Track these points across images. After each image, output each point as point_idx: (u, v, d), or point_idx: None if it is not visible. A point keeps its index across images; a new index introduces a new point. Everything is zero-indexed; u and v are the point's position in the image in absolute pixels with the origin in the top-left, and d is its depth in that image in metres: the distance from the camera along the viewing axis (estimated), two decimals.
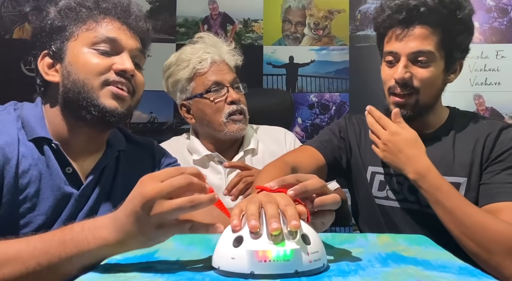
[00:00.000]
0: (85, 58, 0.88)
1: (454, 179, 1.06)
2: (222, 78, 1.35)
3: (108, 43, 0.90)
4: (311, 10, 2.32)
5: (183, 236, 0.89)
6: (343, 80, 2.26)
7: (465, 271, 0.61)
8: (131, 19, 0.94)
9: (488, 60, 2.24)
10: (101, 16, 0.91)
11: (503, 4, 2.27)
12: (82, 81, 0.87)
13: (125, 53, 0.91)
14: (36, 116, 0.90)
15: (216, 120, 1.35)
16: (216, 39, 1.41)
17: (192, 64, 1.34)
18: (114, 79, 0.89)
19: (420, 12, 1.03)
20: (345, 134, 1.21)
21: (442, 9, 1.03)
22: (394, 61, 1.08)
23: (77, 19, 0.91)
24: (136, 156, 1.04)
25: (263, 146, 1.45)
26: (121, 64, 0.89)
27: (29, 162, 0.86)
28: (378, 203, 1.15)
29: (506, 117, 2.22)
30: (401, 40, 1.05)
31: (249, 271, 0.57)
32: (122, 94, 0.89)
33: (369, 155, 1.17)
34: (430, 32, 1.04)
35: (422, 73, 1.05)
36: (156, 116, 2.23)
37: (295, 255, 0.57)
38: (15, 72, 2.05)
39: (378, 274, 0.59)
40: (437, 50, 1.05)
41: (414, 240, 0.81)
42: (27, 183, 0.85)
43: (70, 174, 0.89)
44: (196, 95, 1.36)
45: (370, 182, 1.16)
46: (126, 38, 0.92)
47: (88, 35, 0.90)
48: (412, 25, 1.05)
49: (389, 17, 1.07)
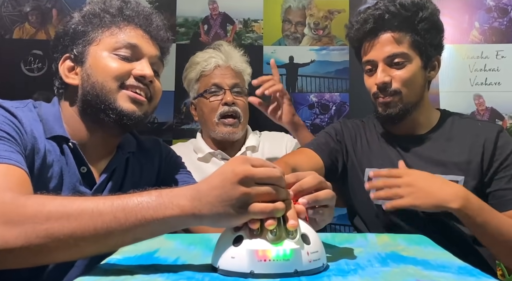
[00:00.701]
0: (106, 62, 0.91)
1: (451, 177, 1.08)
2: (222, 81, 1.46)
3: (129, 48, 0.92)
4: (311, 10, 2.32)
5: (183, 236, 0.89)
6: (343, 80, 2.26)
7: (464, 270, 0.61)
8: (153, 28, 0.97)
9: (488, 60, 2.24)
10: (124, 23, 0.94)
11: (503, 4, 2.27)
12: (101, 84, 0.89)
13: (145, 59, 0.94)
14: (54, 115, 0.92)
15: (210, 120, 1.45)
16: (232, 49, 1.53)
17: (199, 66, 1.47)
18: (132, 84, 0.91)
19: (386, 19, 1.10)
20: (341, 137, 1.23)
21: (405, 12, 1.10)
22: (373, 69, 1.13)
23: (100, 25, 0.94)
24: (145, 157, 1.06)
25: (264, 145, 1.53)
26: (140, 70, 0.92)
27: (53, 157, 0.88)
28: (377, 203, 1.15)
29: (506, 117, 2.22)
30: (375, 48, 1.12)
31: (249, 270, 0.57)
32: (139, 99, 0.91)
33: (366, 157, 1.19)
34: (400, 35, 1.10)
35: (401, 74, 1.10)
36: (156, 116, 2.22)
37: (295, 255, 0.57)
38: (15, 72, 2.05)
39: (378, 274, 0.59)
40: (410, 50, 1.10)
41: (414, 240, 0.81)
42: (50, 177, 0.87)
43: (84, 173, 0.91)
44: (200, 94, 1.47)
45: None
46: (146, 46, 0.95)
47: (110, 40, 0.92)
48: (381, 32, 1.11)
49: (358, 30, 1.15)
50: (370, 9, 1.13)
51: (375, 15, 1.11)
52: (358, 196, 1.21)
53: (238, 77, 1.50)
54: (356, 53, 1.23)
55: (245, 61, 1.55)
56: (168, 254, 0.72)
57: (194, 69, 1.49)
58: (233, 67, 1.48)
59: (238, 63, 1.51)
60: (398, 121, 1.14)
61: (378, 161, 1.18)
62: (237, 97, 1.47)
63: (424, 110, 1.16)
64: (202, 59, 1.48)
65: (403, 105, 1.11)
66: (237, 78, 1.49)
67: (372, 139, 1.22)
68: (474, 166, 1.08)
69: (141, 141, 1.08)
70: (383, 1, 1.12)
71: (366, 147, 1.21)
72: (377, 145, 1.20)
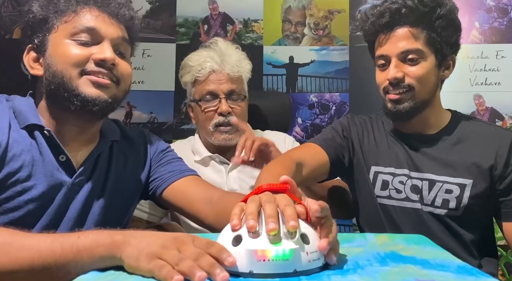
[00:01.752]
0: (63, 49, 0.88)
1: (460, 180, 1.07)
2: (217, 88, 1.36)
3: (87, 32, 0.89)
4: (311, 10, 2.33)
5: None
6: (343, 80, 2.26)
7: (463, 270, 0.61)
8: (111, 7, 0.93)
9: (488, 60, 2.24)
10: (79, 6, 0.90)
11: (503, 4, 2.27)
12: (61, 72, 0.87)
13: (106, 42, 0.90)
14: (28, 106, 0.91)
15: (205, 128, 1.39)
16: (228, 48, 1.41)
17: (193, 71, 1.38)
18: (93, 69, 0.88)
19: (402, 13, 1.07)
20: (347, 134, 1.22)
21: (423, 8, 1.07)
22: (386, 64, 1.10)
23: (56, 11, 0.90)
24: (130, 147, 1.04)
25: None
26: (99, 54, 0.88)
27: (21, 147, 0.86)
28: (380, 202, 1.15)
29: (506, 118, 2.22)
30: (389, 42, 1.09)
31: (248, 270, 0.57)
32: (102, 82, 0.88)
33: (372, 155, 1.18)
34: (415, 30, 1.07)
35: (414, 71, 1.07)
36: (156, 116, 2.23)
37: (294, 255, 0.57)
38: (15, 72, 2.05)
39: (377, 273, 0.59)
40: (425, 47, 1.07)
41: (413, 240, 0.81)
42: (19, 166, 0.85)
43: (63, 162, 0.90)
44: (194, 100, 1.40)
45: (373, 182, 1.16)
46: (105, 27, 0.91)
47: (67, 26, 0.89)
48: (397, 26, 1.08)
49: (373, 24, 1.12)
50: (387, 2, 1.10)
51: (392, 8, 1.07)
52: (362, 193, 1.20)
53: (235, 82, 1.39)
54: (369, 47, 1.19)
55: (243, 58, 1.43)
56: None
57: (188, 72, 1.41)
58: (230, 72, 1.37)
59: (235, 67, 1.38)
60: (407, 119, 1.11)
61: (384, 159, 1.17)
62: (233, 104, 1.38)
63: (435, 110, 1.14)
64: (196, 63, 1.38)
65: (414, 102, 1.08)
66: (234, 83, 1.38)
67: (380, 137, 1.20)
68: (484, 171, 1.06)
69: (125, 130, 1.07)
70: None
71: (373, 145, 1.19)
72: (385, 142, 1.19)
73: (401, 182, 1.13)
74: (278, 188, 0.66)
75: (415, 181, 1.11)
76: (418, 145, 1.14)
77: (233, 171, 1.39)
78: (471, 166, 1.08)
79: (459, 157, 1.09)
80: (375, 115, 1.26)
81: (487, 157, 1.07)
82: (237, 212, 0.62)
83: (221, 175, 1.39)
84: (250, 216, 0.59)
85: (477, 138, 1.11)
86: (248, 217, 0.59)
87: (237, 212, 0.62)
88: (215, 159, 1.41)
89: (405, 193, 1.12)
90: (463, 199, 1.07)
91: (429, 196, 1.09)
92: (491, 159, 1.07)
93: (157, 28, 2.25)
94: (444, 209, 1.08)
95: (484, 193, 1.06)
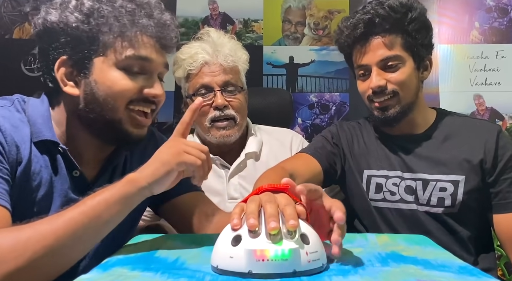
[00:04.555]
0: (114, 79, 0.81)
1: (452, 177, 1.08)
2: (211, 81, 1.26)
3: (140, 63, 0.83)
4: (311, 10, 2.32)
5: (183, 236, 0.89)
6: (343, 80, 2.26)
7: (464, 270, 0.61)
8: (168, 35, 0.86)
9: (488, 60, 2.24)
10: (137, 31, 0.82)
11: (503, 4, 2.27)
12: (107, 102, 0.81)
13: (155, 75, 0.86)
14: (43, 116, 0.84)
15: (201, 124, 1.30)
16: (220, 38, 1.31)
17: (184, 64, 1.29)
18: (139, 103, 0.84)
19: (376, 23, 1.08)
20: (337, 141, 1.23)
21: (395, 14, 1.08)
22: (367, 73, 1.12)
23: (110, 32, 0.81)
24: (143, 152, 0.99)
25: (268, 149, 1.37)
26: (151, 88, 0.84)
27: (41, 164, 0.81)
28: (375, 205, 1.16)
29: (506, 118, 2.21)
30: (367, 52, 1.10)
31: (247, 270, 0.56)
32: (144, 123, 0.86)
33: (363, 159, 1.19)
34: (391, 37, 1.09)
35: (396, 77, 1.09)
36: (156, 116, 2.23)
37: (293, 255, 0.57)
38: (15, 72, 2.06)
39: (378, 273, 0.59)
40: (403, 52, 1.10)
41: (414, 240, 0.81)
42: (38, 184, 0.80)
43: (77, 177, 0.85)
44: (188, 96, 1.31)
45: (366, 185, 1.17)
46: (158, 59, 0.85)
47: (120, 54, 0.81)
48: (372, 36, 1.10)
49: (349, 36, 1.13)
50: (359, 14, 1.11)
51: (365, 19, 1.09)
52: (356, 198, 1.20)
53: (230, 73, 1.28)
54: (346, 58, 1.21)
55: (238, 48, 1.32)
56: (168, 254, 0.72)
57: (180, 67, 1.30)
58: (223, 63, 1.26)
59: (229, 56, 1.28)
60: (396, 123, 1.13)
61: (376, 163, 1.18)
62: (230, 97, 1.27)
63: (420, 110, 1.16)
64: (187, 55, 1.28)
65: (401, 107, 1.11)
66: (228, 74, 1.27)
67: (370, 141, 1.22)
68: (475, 165, 1.08)
69: None
70: (371, 5, 1.11)
71: (363, 149, 1.21)
72: (375, 146, 1.20)
73: (394, 183, 1.14)
74: (279, 188, 0.66)
75: (409, 182, 1.12)
76: (408, 145, 1.15)
77: (234, 177, 1.31)
78: (462, 161, 1.09)
79: (449, 153, 1.11)
80: (363, 120, 1.27)
81: (477, 152, 1.09)
82: (238, 212, 0.62)
83: (221, 181, 1.30)
84: (251, 215, 0.58)
85: (465, 133, 1.13)
86: (248, 216, 0.59)
87: (238, 211, 0.62)
88: (215, 161, 1.31)
89: (399, 194, 1.13)
90: (457, 195, 1.08)
91: (424, 195, 1.10)
92: (480, 153, 1.09)
93: None
94: (440, 207, 1.09)
95: (478, 187, 1.08)
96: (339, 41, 1.18)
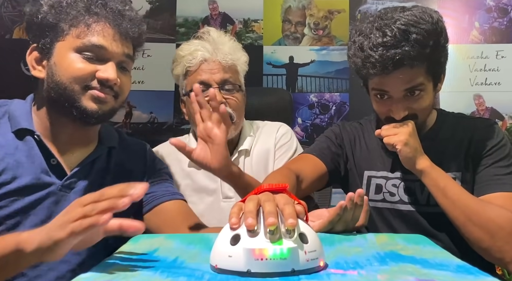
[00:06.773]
0: (70, 62, 0.89)
1: (449, 175, 1.08)
2: (209, 78, 1.26)
3: (95, 50, 0.90)
4: (311, 10, 2.33)
5: (182, 236, 0.89)
6: (343, 80, 2.27)
7: (462, 269, 0.61)
8: (124, 24, 0.93)
9: (488, 60, 2.24)
10: (92, 19, 0.90)
11: (503, 4, 2.27)
12: (64, 84, 0.89)
13: (111, 62, 0.91)
14: (22, 110, 0.93)
15: None
16: (221, 37, 1.32)
17: (184, 61, 1.29)
18: (95, 86, 0.90)
19: (404, 62, 0.99)
20: (340, 141, 1.23)
21: (423, 50, 1.00)
22: (386, 96, 1.06)
23: (67, 20, 0.90)
24: (128, 156, 1.04)
25: (259, 145, 1.37)
26: (104, 73, 0.89)
27: (5, 151, 0.89)
28: (375, 206, 1.16)
29: (506, 118, 2.22)
30: (390, 82, 1.02)
31: (246, 269, 0.57)
32: (103, 98, 0.90)
33: (364, 160, 1.19)
34: (418, 66, 1.01)
35: (419, 104, 1.05)
36: (156, 116, 2.23)
37: (292, 254, 0.57)
38: (15, 72, 2.06)
39: (377, 273, 0.59)
40: (426, 78, 1.04)
41: (412, 239, 0.81)
42: (2, 169, 0.87)
43: (54, 165, 0.91)
44: (186, 93, 1.30)
45: (366, 186, 1.17)
46: (115, 47, 0.91)
47: (76, 39, 0.89)
48: (396, 70, 1.00)
49: (372, 70, 1.01)
50: (381, 48, 0.99)
51: (393, 58, 0.98)
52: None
53: (228, 71, 1.28)
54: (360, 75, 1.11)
55: (238, 49, 1.33)
56: (168, 253, 0.72)
57: (179, 64, 1.31)
58: (222, 61, 1.27)
59: (228, 55, 1.28)
60: None
61: (377, 164, 1.18)
62: (228, 95, 1.27)
63: None
64: (187, 52, 1.29)
65: (418, 125, 1.08)
66: (227, 72, 1.27)
67: (371, 142, 1.21)
68: (469, 162, 1.09)
69: (125, 140, 1.07)
70: (392, 34, 0.99)
71: (365, 150, 1.21)
72: (376, 147, 1.20)
73: (394, 185, 1.14)
74: (278, 188, 0.66)
75: (408, 183, 1.12)
76: None
77: None
78: (458, 159, 1.10)
79: (447, 153, 1.11)
80: (365, 121, 1.27)
81: (470, 148, 1.09)
82: (236, 211, 0.62)
83: (215, 179, 1.26)
84: (249, 214, 0.58)
85: (460, 132, 1.13)
86: (246, 215, 0.59)
87: (236, 210, 0.62)
88: None
89: (398, 195, 1.13)
90: None
91: (423, 196, 1.10)
92: (472, 148, 1.09)
93: (157, 28, 2.25)
94: (439, 207, 1.09)
95: (473, 182, 1.08)
96: (359, 70, 1.07)
